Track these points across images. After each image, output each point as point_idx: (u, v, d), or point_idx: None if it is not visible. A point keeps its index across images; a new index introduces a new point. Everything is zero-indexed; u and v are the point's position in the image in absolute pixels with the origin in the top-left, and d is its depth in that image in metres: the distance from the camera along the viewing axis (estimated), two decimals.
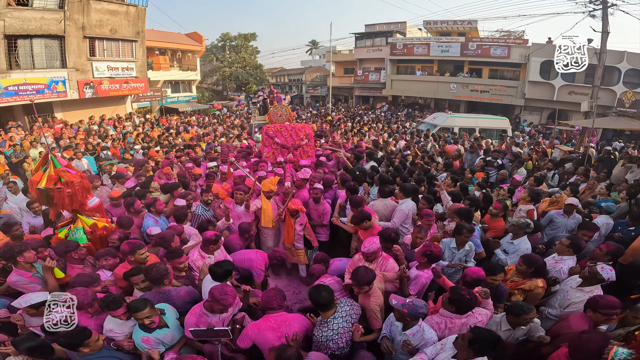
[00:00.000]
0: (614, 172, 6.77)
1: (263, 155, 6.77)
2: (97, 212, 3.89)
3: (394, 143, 10.68)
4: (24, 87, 11.89)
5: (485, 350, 2.09)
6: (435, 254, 3.11)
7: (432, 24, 25.67)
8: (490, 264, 3.02)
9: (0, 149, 9.67)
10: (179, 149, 9.73)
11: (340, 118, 19.82)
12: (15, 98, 11.78)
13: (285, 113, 7.36)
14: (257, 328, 2.59)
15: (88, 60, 13.90)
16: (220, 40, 35.30)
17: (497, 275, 2.92)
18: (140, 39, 16.10)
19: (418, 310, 2.44)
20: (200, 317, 2.62)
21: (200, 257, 3.49)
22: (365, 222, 3.79)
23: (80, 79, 13.68)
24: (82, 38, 13.42)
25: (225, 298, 2.50)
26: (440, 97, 24.93)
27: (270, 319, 2.59)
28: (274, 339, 2.49)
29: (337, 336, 2.47)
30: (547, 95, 20.64)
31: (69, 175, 3.46)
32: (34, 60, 12.28)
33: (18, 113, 13.00)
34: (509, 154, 7.78)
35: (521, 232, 3.77)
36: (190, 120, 17.84)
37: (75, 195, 3.52)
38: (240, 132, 12.90)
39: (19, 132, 11.56)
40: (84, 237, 3.61)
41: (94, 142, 10.75)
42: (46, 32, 12.26)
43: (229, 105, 26.88)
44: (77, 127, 12.77)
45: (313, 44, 47.61)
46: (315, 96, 34.58)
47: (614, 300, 2.51)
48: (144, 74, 16.86)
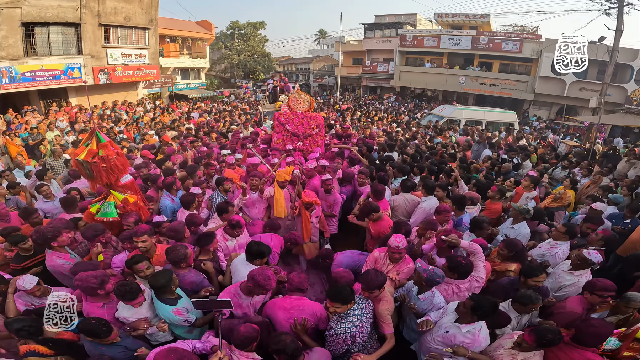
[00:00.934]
0: (618, 167, 6.92)
1: (273, 142, 6.67)
2: (128, 189, 3.92)
3: (402, 133, 10.87)
4: (41, 73, 12.15)
5: (487, 314, 2.37)
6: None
7: (443, 17, 25.39)
8: (531, 266, 2.99)
9: (17, 132, 10.01)
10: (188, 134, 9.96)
11: (349, 107, 19.93)
12: (32, 84, 12.06)
13: (307, 101, 7.14)
14: (273, 304, 2.68)
15: (103, 47, 14.11)
16: (230, 28, 35.26)
17: (540, 277, 2.81)
18: (153, 26, 16.23)
19: (435, 279, 2.71)
20: (233, 297, 2.65)
21: (223, 238, 3.57)
22: (373, 215, 3.79)
23: (95, 66, 13.93)
24: (97, 26, 13.60)
25: (269, 283, 2.51)
26: (449, 90, 24.82)
27: (287, 300, 2.66)
28: (283, 319, 2.56)
29: (356, 328, 2.44)
30: (557, 90, 20.50)
31: (107, 150, 3.53)
32: (51, 47, 12.50)
33: (33, 98, 13.29)
34: (506, 145, 7.93)
35: (521, 217, 3.90)
36: (199, 105, 18.09)
37: (110, 170, 3.58)
38: (249, 119, 13.07)
39: (35, 116, 11.89)
40: (114, 211, 3.66)
41: (108, 126, 11.06)
42: (63, 19, 12.44)
43: (236, 93, 27.00)
44: (91, 111, 13.08)
45: (321, 33, 47.18)
46: (322, 85, 34.52)
47: (609, 283, 2.69)
48: (156, 61, 17.05)
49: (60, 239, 3.16)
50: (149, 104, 16.83)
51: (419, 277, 2.79)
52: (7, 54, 11.27)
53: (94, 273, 2.55)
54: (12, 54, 11.39)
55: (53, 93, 13.57)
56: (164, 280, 2.58)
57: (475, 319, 2.39)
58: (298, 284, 2.69)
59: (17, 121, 10.93)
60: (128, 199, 3.73)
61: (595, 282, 2.77)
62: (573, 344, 2.27)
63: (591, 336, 2.21)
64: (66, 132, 10.76)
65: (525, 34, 22.39)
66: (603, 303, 2.75)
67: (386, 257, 3.17)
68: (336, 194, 4.67)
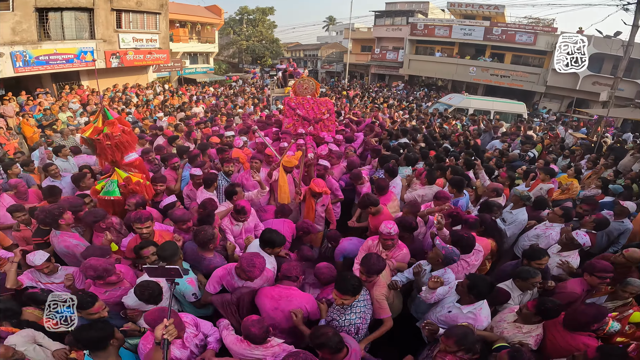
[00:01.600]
0: (623, 161, 6.94)
1: (283, 126, 6.62)
2: (135, 167, 3.83)
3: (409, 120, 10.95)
4: (54, 56, 12.33)
5: (483, 294, 2.45)
6: (460, 217, 3.43)
7: (456, 6, 24.88)
8: (534, 249, 3.05)
9: (31, 113, 10.29)
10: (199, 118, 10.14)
11: (356, 94, 19.90)
12: (45, 67, 12.27)
13: (312, 86, 7.11)
14: (261, 292, 2.62)
15: (115, 32, 14.22)
16: (239, 13, 34.87)
17: (542, 259, 2.93)
18: (164, 11, 16.24)
19: (452, 256, 2.79)
20: (227, 274, 2.66)
21: (230, 222, 3.56)
22: (371, 208, 3.70)
23: (107, 50, 14.06)
24: (109, 10, 13.68)
25: (252, 270, 2.46)
26: (459, 79, 24.55)
27: (276, 289, 2.60)
28: (269, 308, 2.51)
29: (359, 320, 2.44)
30: (569, 83, 20.18)
31: (112, 127, 3.50)
32: (64, 31, 12.64)
33: (46, 81, 13.49)
34: (522, 136, 8.01)
35: (521, 203, 3.98)
36: (207, 90, 18.21)
37: (116, 148, 3.56)
38: (258, 103, 13.15)
39: (48, 98, 12.14)
40: (117, 190, 3.56)
41: (119, 108, 11.29)
42: (76, 4, 12.54)
43: (244, 78, 26.99)
44: (103, 94, 13.31)
45: (330, 20, 46.49)
46: (330, 72, 34.25)
47: (608, 264, 2.76)
48: (167, 46, 17.13)
49: (66, 216, 3.11)
50: (159, 87, 17.01)
51: (437, 255, 2.86)
52: (21, 39, 11.44)
53: (97, 264, 2.49)
54: (26, 39, 11.56)
55: (65, 76, 13.77)
56: (171, 250, 2.63)
57: (473, 299, 2.48)
58: (285, 271, 2.65)
59: (31, 103, 11.19)
60: (131, 178, 3.61)
61: (594, 263, 2.81)
62: (565, 329, 2.34)
63: (578, 321, 2.27)
64: (79, 113, 11.02)
65: (541, 26, 21.94)
66: (602, 284, 2.80)
67: (379, 245, 3.15)
68: (331, 180, 4.55)
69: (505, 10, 24.03)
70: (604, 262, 2.79)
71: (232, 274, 2.64)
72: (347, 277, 2.39)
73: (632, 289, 2.75)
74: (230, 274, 2.65)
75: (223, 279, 2.66)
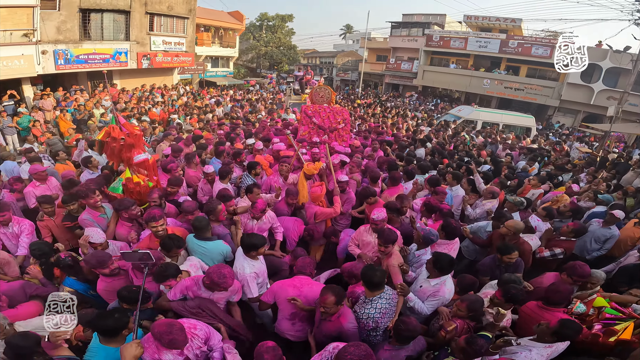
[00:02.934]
0: (626, 176, 7.20)
1: (299, 134, 6.72)
2: (145, 168, 4.05)
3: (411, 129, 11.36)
4: (93, 56, 13.19)
5: (445, 268, 2.85)
6: (432, 205, 4.01)
7: (472, 19, 25.31)
8: (505, 245, 3.39)
9: (67, 108, 11.05)
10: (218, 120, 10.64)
11: (369, 103, 20.32)
12: (84, 65, 13.13)
13: (327, 94, 7.22)
14: (282, 283, 2.84)
15: (147, 35, 15.08)
16: (259, 19, 35.89)
17: (512, 255, 3.28)
18: (192, 16, 17.12)
19: (429, 237, 3.33)
20: (194, 284, 2.71)
21: (246, 216, 3.84)
22: (370, 198, 4.25)
23: (139, 51, 14.92)
24: (144, 14, 14.56)
25: (224, 281, 2.53)
26: (472, 92, 24.83)
27: (296, 279, 2.86)
28: (292, 294, 2.72)
29: (379, 315, 2.55)
30: (584, 98, 20.31)
31: (116, 132, 3.82)
32: (103, 32, 13.53)
33: (82, 78, 14.35)
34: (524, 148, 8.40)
35: (515, 208, 4.38)
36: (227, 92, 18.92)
37: (119, 151, 3.89)
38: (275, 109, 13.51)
39: (83, 95, 12.94)
40: (120, 188, 3.91)
41: (146, 107, 12.00)
42: (115, 7, 13.43)
43: (261, 82, 27.78)
44: (132, 93, 14.12)
45: (347, 28, 47.34)
46: (345, 80, 34.86)
47: (587, 271, 3.01)
48: (192, 49, 17.99)
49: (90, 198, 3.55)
50: (182, 89, 17.82)
51: (418, 236, 3.42)
52: (64, 38, 12.30)
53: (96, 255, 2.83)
54: (69, 38, 12.43)
55: (99, 75, 14.63)
56: (205, 222, 3.26)
57: (438, 273, 2.90)
58: (301, 267, 2.94)
59: (67, 99, 11.98)
60: (133, 178, 3.88)
61: (576, 266, 3.01)
62: (545, 307, 2.70)
63: (557, 294, 2.65)
64: (109, 110, 11.75)
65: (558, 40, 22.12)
66: (574, 285, 3.10)
67: (370, 230, 3.53)
68: (350, 193, 4.69)
69: (523, 24, 24.28)
70: (584, 268, 3.01)
71: (199, 284, 2.70)
72: (373, 268, 2.64)
73: (594, 279, 3.14)
74: (198, 284, 2.70)
75: (189, 289, 2.70)
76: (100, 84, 14.41)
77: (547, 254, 3.97)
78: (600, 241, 4.31)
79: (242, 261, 3.03)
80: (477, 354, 2.22)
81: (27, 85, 12.11)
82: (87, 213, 3.64)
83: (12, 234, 3.59)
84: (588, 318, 2.85)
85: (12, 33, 10.82)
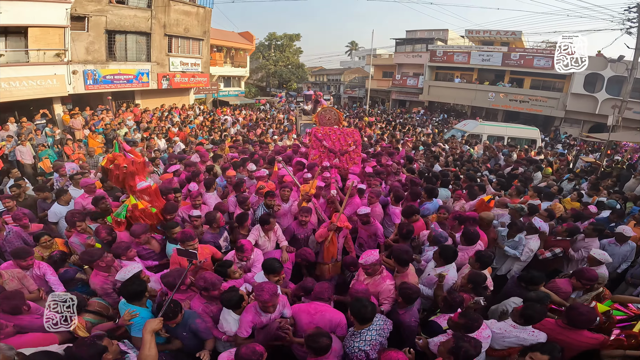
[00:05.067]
0: (628, 183, 7.56)
1: (310, 158, 6.54)
2: (145, 194, 4.08)
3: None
4: (118, 76, 14.12)
5: (449, 257, 3.34)
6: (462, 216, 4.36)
7: (474, 33, 26.00)
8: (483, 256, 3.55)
9: (93, 128, 11.72)
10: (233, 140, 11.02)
11: (377, 120, 20.80)
12: (110, 86, 14.04)
13: (335, 117, 7.21)
14: (298, 308, 2.88)
15: (166, 56, 16.06)
16: (267, 39, 37.34)
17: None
18: (206, 37, 18.14)
19: (439, 238, 3.79)
20: (254, 314, 2.75)
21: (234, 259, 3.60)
22: (415, 216, 4.40)
23: (159, 72, 15.85)
24: (163, 35, 15.57)
25: (270, 298, 2.59)
26: (478, 105, 25.19)
27: (312, 305, 2.87)
28: (306, 322, 2.73)
29: (369, 347, 2.52)
30: (589, 108, 20.49)
31: (119, 159, 3.95)
32: (127, 53, 14.50)
33: (106, 98, 15.20)
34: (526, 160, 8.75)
35: (517, 214, 4.70)
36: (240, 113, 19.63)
37: (122, 178, 4.00)
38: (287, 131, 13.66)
39: (109, 114, 13.71)
40: (123, 213, 3.92)
41: (165, 127, 12.67)
42: (137, 29, 14.43)
43: (272, 101, 28.70)
44: (153, 112, 14.89)
45: (352, 45, 48.79)
46: (352, 97, 35.63)
47: (595, 274, 3.32)
48: (207, 69, 18.92)
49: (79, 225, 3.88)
50: (199, 109, 18.67)
51: (430, 236, 3.93)
52: (92, 58, 13.24)
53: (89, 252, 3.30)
54: (97, 59, 13.37)
55: (122, 95, 15.49)
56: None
57: (443, 262, 3.37)
58: (318, 293, 2.97)
59: (96, 118, 12.72)
60: (138, 205, 3.94)
61: (583, 271, 3.36)
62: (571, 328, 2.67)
63: (582, 321, 2.63)
64: (133, 129, 12.45)
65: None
66: (582, 289, 3.41)
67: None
68: (376, 224, 4.37)
69: (523, 36, 24.84)
70: (592, 272, 3.34)
71: (257, 311, 2.73)
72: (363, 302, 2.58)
73: (599, 279, 3.42)
74: (257, 312, 2.73)
75: (255, 321, 2.74)
76: (124, 104, 15.25)
77: (549, 255, 4.31)
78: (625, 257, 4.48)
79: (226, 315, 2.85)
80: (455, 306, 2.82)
81: (57, 104, 12.92)
82: (76, 236, 3.87)
83: (36, 276, 3.42)
84: (603, 326, 2.97)
85: (45, 53, 11.69)
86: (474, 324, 2.47)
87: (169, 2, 15.37)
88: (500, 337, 2.71)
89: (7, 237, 3.97)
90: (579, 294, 3.52)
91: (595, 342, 2.67)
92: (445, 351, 2.22)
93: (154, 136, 10.58)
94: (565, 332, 2.68)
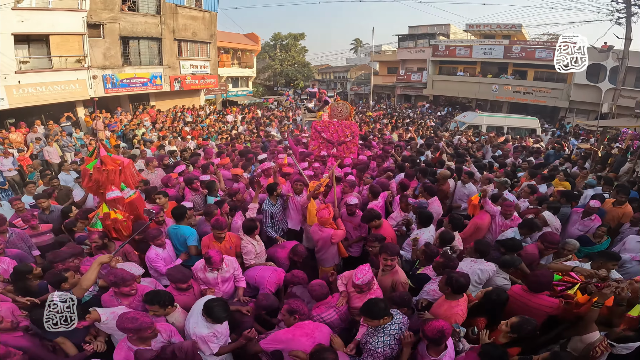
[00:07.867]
0: (623, 168, 7.93)
1: (309, 148, 7.02)
2: (118, 204, 3.84)
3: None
4: (134, 80, 15.09)
5: (425, 222, 3.97)
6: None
7: (475, 27, 26.21)
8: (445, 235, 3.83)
9: (113, 129, 12.61)
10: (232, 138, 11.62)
11: (380, 115, 21.27)
12: (127, 89, 15.05)
13: (346, 110, 7.48)
14: (292, 334, 2.63)
15: (177, 59, 16.99)
16: (273, 39, 37.99)
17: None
18: (213, 40, 19.01)
19: (422, 204, 4.34)
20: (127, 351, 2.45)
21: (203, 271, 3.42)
22: (375, 221, 3.95)
23: (171, 75, 16.79)
24: (172, 40, 16.51)
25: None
26: (482, 98, 25.35)
27: (302, 326, 2.71)
28: (309, 344, 2.54)
29: (393, 341, 2.55)
30: (593, 98, 20.49)
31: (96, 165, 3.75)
32: (141, 58, 15.46)
33: (124, 101, 16.25)
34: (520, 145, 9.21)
35: (502, 187, 5.25)
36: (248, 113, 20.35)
37: (99, 184, 3.79)
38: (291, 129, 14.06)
39: (127, 116, 14.66)
40: (99, 223, 3.77)
41: (179, 127, 13.49)
42: (149, 34, 15.39)
43: (279, 100, 29.41)
44: (166, 114, 15.80)
45: (357, 42, 49.07)
46: (359, 94, 35.92)
47: (556, 238, 3.69)
48: (215, 71, 19.79)
49: None
50: (209, 109, 19.55)
51: (414, 209, 4.36)
52: (110, 63, 14.23)
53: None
54: (114, 64, 14.36)
55: (138, 97, 16.45)
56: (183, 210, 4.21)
57: (421, 226, 4.05)
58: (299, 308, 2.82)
59: (115, 119, 13.67)
60: (110, 214, 3.74)
61: (547, 235, 3.73)
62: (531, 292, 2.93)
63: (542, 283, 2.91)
64: (149, 130, 13.30)
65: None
66: (546, 250, 3.70)
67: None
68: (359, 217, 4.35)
69: (524, 29, 24.89)
70: (553, 236, 3.72)
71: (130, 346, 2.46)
72: (370, 301, 2.60)
73: (569, 246, 3.80)
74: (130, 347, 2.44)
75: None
76: (140, 106, 16.20)
77: None
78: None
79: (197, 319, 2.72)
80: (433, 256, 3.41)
81: (80, 108, 13.93)
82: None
83: None
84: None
85: (67, 59, 12.65)
86: (452, 262, 3.19)
87: (176, 8, 16.28)
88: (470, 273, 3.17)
89: (9, 239, 3.98)
90: (549, 259, 3.91)
91: (553, 306, 2.91)
92: (443, 284, 2.78)
93: (170, 138, 10.98)
94: (527, 296, 2.99)
